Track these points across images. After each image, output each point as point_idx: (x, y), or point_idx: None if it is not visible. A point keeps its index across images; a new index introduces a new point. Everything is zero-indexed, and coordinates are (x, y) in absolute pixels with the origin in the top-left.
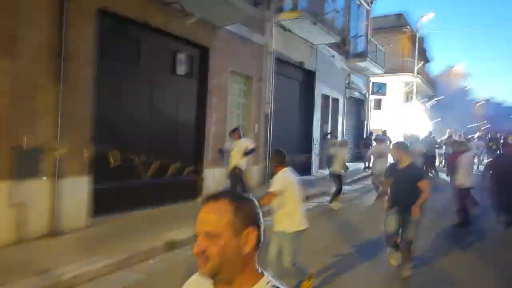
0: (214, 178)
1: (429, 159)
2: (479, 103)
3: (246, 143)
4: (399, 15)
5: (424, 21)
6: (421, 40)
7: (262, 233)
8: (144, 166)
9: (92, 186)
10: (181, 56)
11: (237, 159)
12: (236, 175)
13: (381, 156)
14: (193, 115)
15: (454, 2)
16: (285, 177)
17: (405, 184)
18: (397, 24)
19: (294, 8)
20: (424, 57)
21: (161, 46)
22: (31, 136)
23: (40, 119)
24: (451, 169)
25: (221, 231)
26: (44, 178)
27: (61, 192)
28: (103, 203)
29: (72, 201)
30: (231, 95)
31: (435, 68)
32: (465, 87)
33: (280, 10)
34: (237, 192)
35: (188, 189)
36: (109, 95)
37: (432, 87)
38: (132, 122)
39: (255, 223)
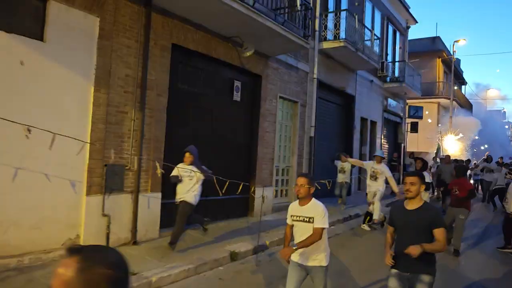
0: (263, 197)
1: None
2: None
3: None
4: (434, 39)
5: (459, 45)
6: (456, 63)
7: None
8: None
9: (163, 201)
10: (237, 84)
11: (185, 189)
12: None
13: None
14: (246, 137)
15: (490, 26)
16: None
17: (415, 233)
18: (432, 47)
19: (336, 37)
20: (459, 79)
21: (221, 75)
22: (118, 156)
23: (125, 141)
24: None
25: None
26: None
27: (139, 205)
28: (171, 217)
29: (148, 214)
30: (279, 119)
31: (471, 90)
32: (502, 109)
33: (324, 39)
34: (95, 248)
35: (240, 207)
36: (177, 119)
37: (468, 109)
38: (195, 143)
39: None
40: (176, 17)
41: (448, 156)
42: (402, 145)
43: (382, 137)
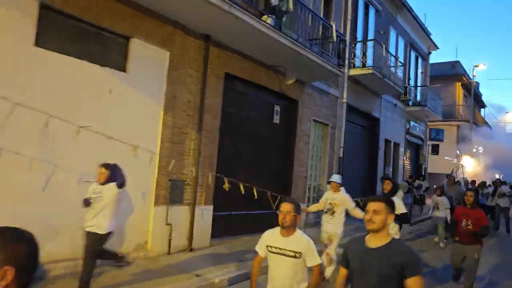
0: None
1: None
2: None
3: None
4: (454, 63)
5: (479, 69)
6: (475, 86)
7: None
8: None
9: (214, 213)
10: (277, 108)
11: (98, 216)
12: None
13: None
14: (283, 156)
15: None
16: None
17: (377, 281)
18: (452, 71)
19: (364, 64)
20: (478, 102)
21: (263, 100)
22: (180, 172)
23: (186, 159)
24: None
25: None
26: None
27: (195, 216)
28: (219, 228)
29: (202, 224)
30: (311, 140)
31: (491, 113)
32: None
33: (352, 65)
34: (11, 229)
35: (276, 221)
36: (227, 139)
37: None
38: (240, 160)
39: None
40: (229, 49)
41: (453, 177)
42: (423, 166)
43: (405, 159)
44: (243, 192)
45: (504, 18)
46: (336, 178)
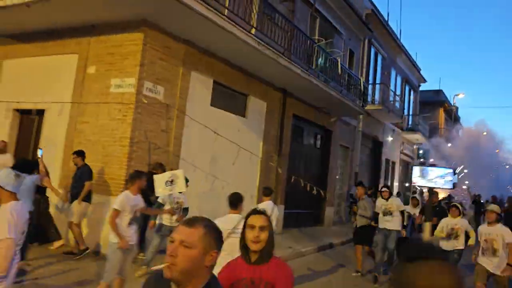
0: (329, 212)
1: None
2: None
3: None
4: (438, 91)
5: (459, 97)
6: (456, 110)
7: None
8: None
9: (285, 210)
10: (318, 136)
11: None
12: None
13: None
14: (322, 171)
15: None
16: None
17: None
18: (436, 98)
19: (373, 101)
20: (457, 123)
21: (311, 131)
22: (268, 182)
23: (271, 177)
24: None
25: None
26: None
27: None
28: (290, 221)
29: (278, 217)
30: (338, 160)
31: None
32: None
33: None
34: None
35: (316, 218)
36: (291, 161)
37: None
38: (299, 174)
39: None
40: (295, 97)
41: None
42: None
43: (399, 174)
44: (308, 189)
45: (484, 56)
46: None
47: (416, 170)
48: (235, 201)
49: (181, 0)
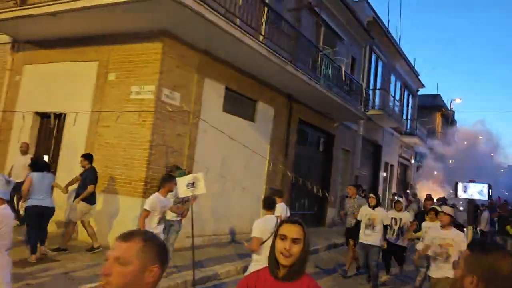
0: (331, 214)
1: None
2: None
3: None
4: (435, 96)
5: (456, 102)
6: (452, 115)
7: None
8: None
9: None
10: (321, 140)
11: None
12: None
13: None
14: (324, 172)
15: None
16: None
17: None
18: (433, 103)
19: (373, 107)
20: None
21: (315, 135)
22: (274, 183)
23: (277, 179)
24: None
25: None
26: None
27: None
28: None
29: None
30: (340, 163)
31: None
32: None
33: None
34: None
35: (318, 219)
36: (295, 163)
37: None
38: (303, 176)
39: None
40: (301, 103)
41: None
42: (410, 183)
43: (397, 176)
44: (314, 191)
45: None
46: None
47: (460, 186)
48: (271, 203)
49: (206, 17)
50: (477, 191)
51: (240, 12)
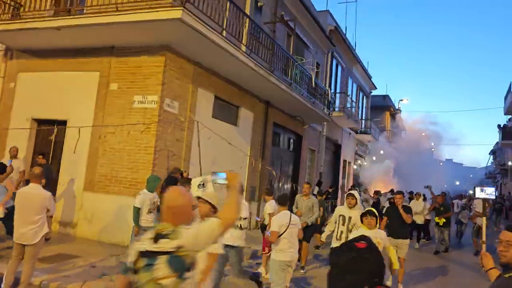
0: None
1: None
2: (441, 163)
3: None
4: (385, 96)
5: (403, 102)
6: (399, 113)
7: None
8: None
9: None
10: (291, 141)
11: None
12: None
13: None
14: (294, 171)
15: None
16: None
17: None
18: (383, 103)
19: (334, 108)
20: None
21: (286, 136)
22: (254, 183)
23: (256, 177)
24: None
25: None
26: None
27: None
28: None
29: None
30: (307, 162)
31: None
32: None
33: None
34: None
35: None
36: (270, 162)
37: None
38: (276, 174)
39: None
40: (276, 107)
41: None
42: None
43: (353, 173)
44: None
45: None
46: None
47: (478, 190)
48: (285, 200)
49: (204, 33)
50: (490, 192)
51: (227, 24)
